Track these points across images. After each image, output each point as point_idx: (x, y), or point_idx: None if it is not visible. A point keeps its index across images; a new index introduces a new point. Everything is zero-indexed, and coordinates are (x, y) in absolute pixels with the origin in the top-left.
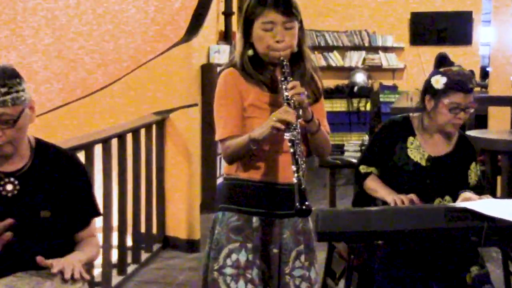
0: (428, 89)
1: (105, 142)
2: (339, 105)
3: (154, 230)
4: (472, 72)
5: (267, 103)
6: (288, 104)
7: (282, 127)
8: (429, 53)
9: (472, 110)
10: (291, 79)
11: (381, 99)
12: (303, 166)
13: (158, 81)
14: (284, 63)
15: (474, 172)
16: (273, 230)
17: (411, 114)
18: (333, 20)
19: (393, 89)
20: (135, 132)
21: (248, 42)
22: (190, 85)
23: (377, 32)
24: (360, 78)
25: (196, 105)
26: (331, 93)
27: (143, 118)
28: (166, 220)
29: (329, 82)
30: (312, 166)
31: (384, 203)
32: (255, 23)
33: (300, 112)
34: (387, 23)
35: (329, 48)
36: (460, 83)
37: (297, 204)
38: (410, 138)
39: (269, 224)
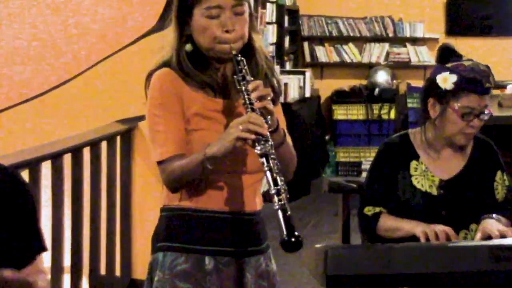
0: (431, 91)
1: (56, 158)
2: (356, 112)
3: (117, 272)
4: (487, 67)
5: (218, 111)
6: (253, 110)
7: (252, 137)
8: (470, 46)
9: (487, 117)
10: (251, 78)
11: (409, 105)
12: (284, 187)
13: (124, 80)
14: (239, 58)
15: (501, 184)
16: (231, 273)
17: (410, 131)
18: (348, 4)
19: None
20: (94, 145)
21: (184, 34)
22: None
23: (404, 19)
24: (382, 77)
25: None
26: (345, 97)
27: (104, 128)
28: (132, 259)
29: (342, 83)
30: (320, 189)
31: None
32: (196, 9)
33: (269, 120)
34: (417, 7)
35: (343, 39)
36: (474, 81)
37: (285, 236)
38: (413, 163)
39: (226, 265)
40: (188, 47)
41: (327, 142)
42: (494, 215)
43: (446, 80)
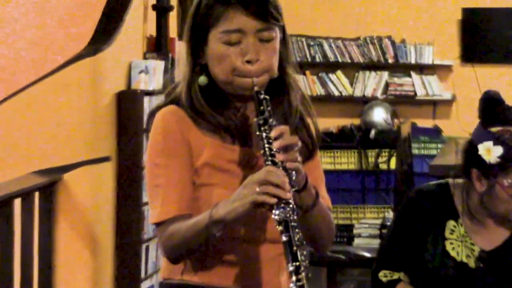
0: (474, 160)
1: None
2: (346, 161)
3: None
4: None
5: (234, 162)
6: (274, 164)
7: (272, 201)
8: (491, 75)
9: None
10: (274, 122)
11: (414, 151)
12: (305, 263)
13: (44, 119)
14: (262, 96)
15: None
16: None
17: (451, 181)
18: (336, 21)
19: (434, 133)
20: (6, 203)
21: (198, 63)
22: (97, 126)
23: (407, 41)
24: (379, 115)
25: (107, 159)
26: (332, 141)
27: (17, 181)
28: None
29: (328, 123)
30: None
31: None
32: (212, 33)
33: (293, 177)
34: (424, 26)
35: (330, 66)
36: None
37: None
38: (451, 223)
39: None
40: (202, 79)
41: None
42: None
43: (490, 152)
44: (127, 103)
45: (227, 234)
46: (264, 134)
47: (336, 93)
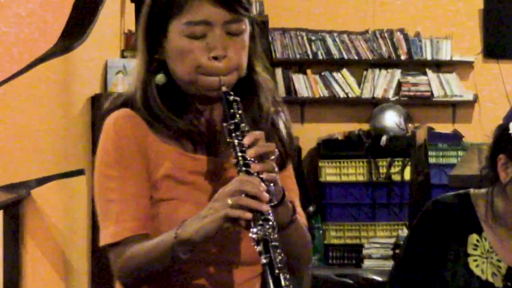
0: (503, 143)
1: None
2: (353, 172)
3: None
4: None
5: (199, 174)
6: (248, 175)
7: (247, 215)
8: None
9: None
10: (247, 127)
11: (431, 160)
12: None
13: (8, 127)
14: (231, 98)
15: None
16: None
17: (472, 191)
18: (341, 12)
19: (454, 139)
20: None
21: (156, 59)
22: (69, 135)
23: (422, 34)
24: (391, 119)
25: (81, 172)
26: (338, 149)
27: None
28: None
29: (333, 128)
30: (300, 287)
31: None
32: (172, 24)
33: (272, 189)
34: (441, 17)
35: (334, 64)
36: None
37: None
38: (473, 238)
39: None
40: (160, 78)
41: (312, 216)
42: None
43: None
44: (103, 107)
45: (196, 256)
46: (236, 141)
47: (342, 95)
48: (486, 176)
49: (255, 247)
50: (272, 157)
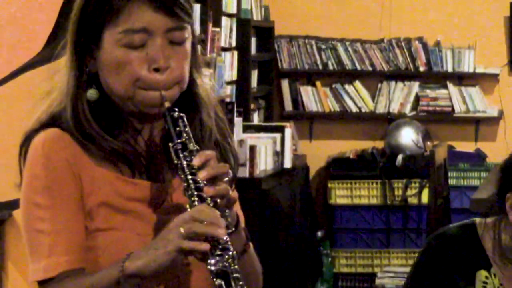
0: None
1: None
2: (366, 193)
3: None
4: None
5: (139, 201)
6: (201, 200)
7: (203, 247)
8: None
9: None
10: (196, 147)
11: (451, 182)
12: None
13: None
14: (176, 114)
15: None
16: None
17: (478, 222)
18: (354, 20)
19: (476, 159)
20: None
21: (86, 72)
22: None
23: (443, 44)
24: (408, 137)
25: None
26: (350, 168)
27: None
28: None
29: (344, 146)
30: None
31: None
32: (107, 33)
33: (228, 216)
34: (464, 25)
35: (346, 76)
36: None
37: None
38: (482, 274)
39: None
40: (92, 93)
41: (320, 242)
42: None
43: None
44: None
45: None
46: (184, 163)
47: (354, 109)
48: (493, 206)
49: (214, 280)
50: (226, 179)
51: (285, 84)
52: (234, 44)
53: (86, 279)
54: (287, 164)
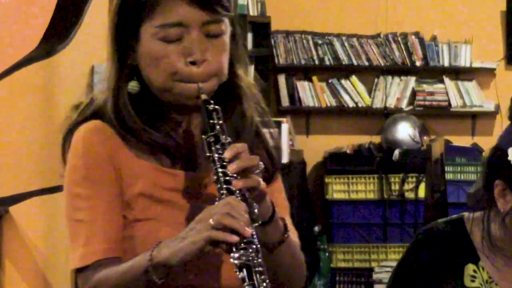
0: (501, 169)
1: None
2: (363, 188)
3: None
4: None
5: (177, 191)
6: (230, 192)
7: (233, 239)
8: None
9: None
10: (228, 139)
11: (448, 176)
12: None
13: None
14: (211, 107)
15: None
16: None
17: (466, 216)
18: (350, 14)
19: (473, 154)
20: None
21: (128, 65)
22: (51, 147)
23: (439, 38)
24: (404, 131)
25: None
26: (346, 163)
27: None
28: None
29: (341, 140)
30: None
31: None
32: (144, 27)
33: (255, 210)
34: (460, 20)
35: (343, 71)
36: None
37: None
38: (470, 268)
39: None
40: (133, 86)
41: (317, 237)
42: None
43: None
44: None
45: (173, 281)
46: (216, 155)
47: (351, 104)
48: (482, 198)
49: (237, 273)
50: (257, 171)
51: (281, 79)
52: None
53: (118, 268)
54: (284, 159)
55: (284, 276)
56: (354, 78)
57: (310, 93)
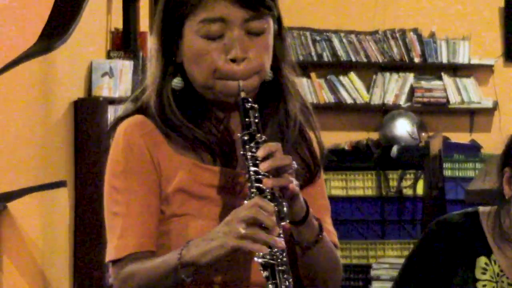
0: (508, 157)
1: None
2: (361, 185)
3: None
4: None
5: (214, 187)
6: (260, 191)
7: (264, 250)
8: None
9: None
10: (263, 138)
11: (446, 173)
12: None
13: None
14: (248, 105)
15: None
16: None
17: (481, 209)
18: (349, 11)
19: (471, 150)
20: None
21: (172, 62)
22: (50, 143)
23: (438, 35)
24: (403, 128)
25: (63, 184)
26: (344, 160)
27: None
28: None
29: (339, 137)
30: None
31: None
32: (188, 24)
33: (285, 208)
34: (459, 16)
35: (341, 67)
36: None
37: None
38: (482, 261)
39: None
40: (177, 82)
41: None
42: None
43: None
44: (87, 114)
45: (201, 278)
46: (249, 154)
47: (349, 101)
48: (497, 191)
49: (262, 272)
50: (290, 171)
51: None
52: None
53: (149, 263)
54: None
55: (318, 276)
56: (352, 74)
57: (308, 90)
